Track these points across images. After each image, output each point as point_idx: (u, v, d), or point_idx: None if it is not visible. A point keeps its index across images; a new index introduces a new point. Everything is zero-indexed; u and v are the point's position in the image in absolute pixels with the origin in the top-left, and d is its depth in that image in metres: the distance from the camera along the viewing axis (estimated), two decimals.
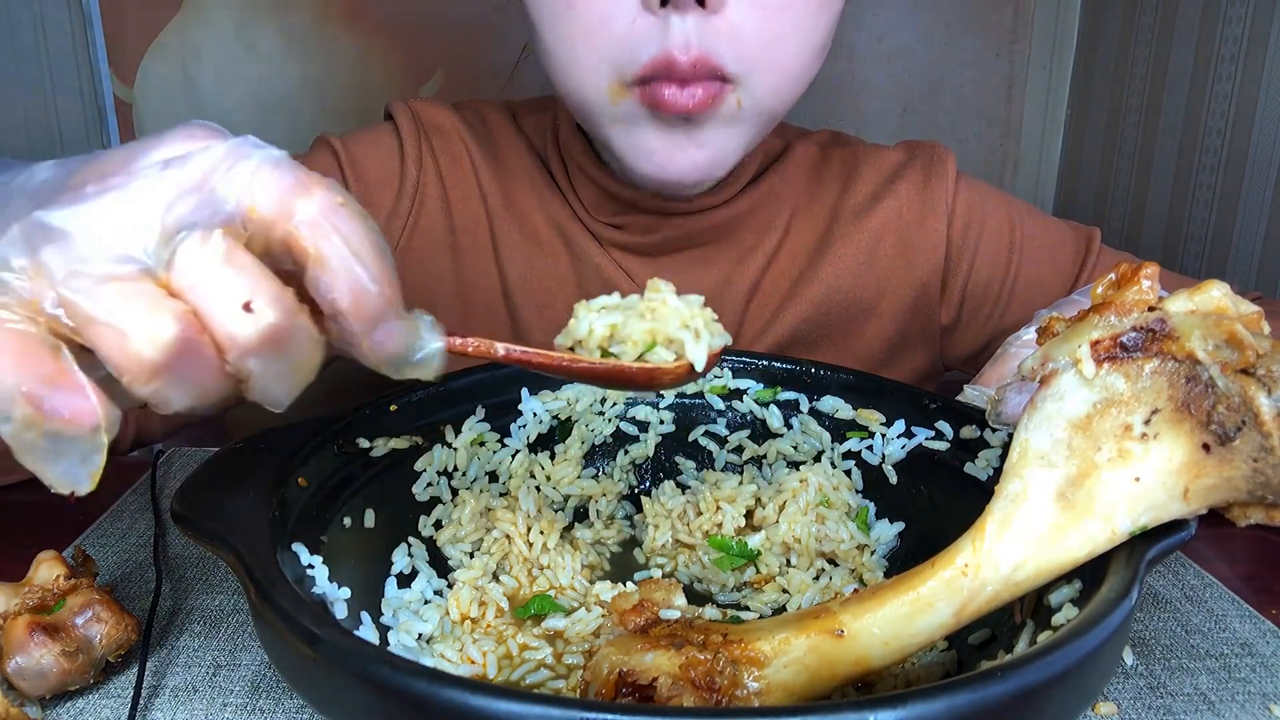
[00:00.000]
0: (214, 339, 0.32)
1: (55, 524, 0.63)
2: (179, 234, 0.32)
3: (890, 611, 0.38)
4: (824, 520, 0.54)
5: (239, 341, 0.32)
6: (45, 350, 0.31)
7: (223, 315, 0.31)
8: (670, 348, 0.42)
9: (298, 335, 0.33)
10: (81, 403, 0.31)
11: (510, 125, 0.82)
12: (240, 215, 0.33)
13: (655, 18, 0.60)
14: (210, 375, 0.32)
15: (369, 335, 0.34)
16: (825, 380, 0.59)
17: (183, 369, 0.31)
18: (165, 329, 0.31)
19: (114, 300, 0.31)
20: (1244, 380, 0.36)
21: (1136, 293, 0.38)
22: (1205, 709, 0.46)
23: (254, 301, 0.32)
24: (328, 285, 0.33)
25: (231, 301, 0.31)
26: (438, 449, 0.54)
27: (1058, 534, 0.37)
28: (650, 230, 0.76)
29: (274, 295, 0.32)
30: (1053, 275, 0.81)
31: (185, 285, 0.31)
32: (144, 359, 0.30)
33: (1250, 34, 1.08)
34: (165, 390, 0.32)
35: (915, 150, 0.83)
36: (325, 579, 0.42)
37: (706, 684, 0.36)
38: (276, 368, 0.33)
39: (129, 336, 0.30)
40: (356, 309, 0.34)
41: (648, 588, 0.45)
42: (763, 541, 0.55)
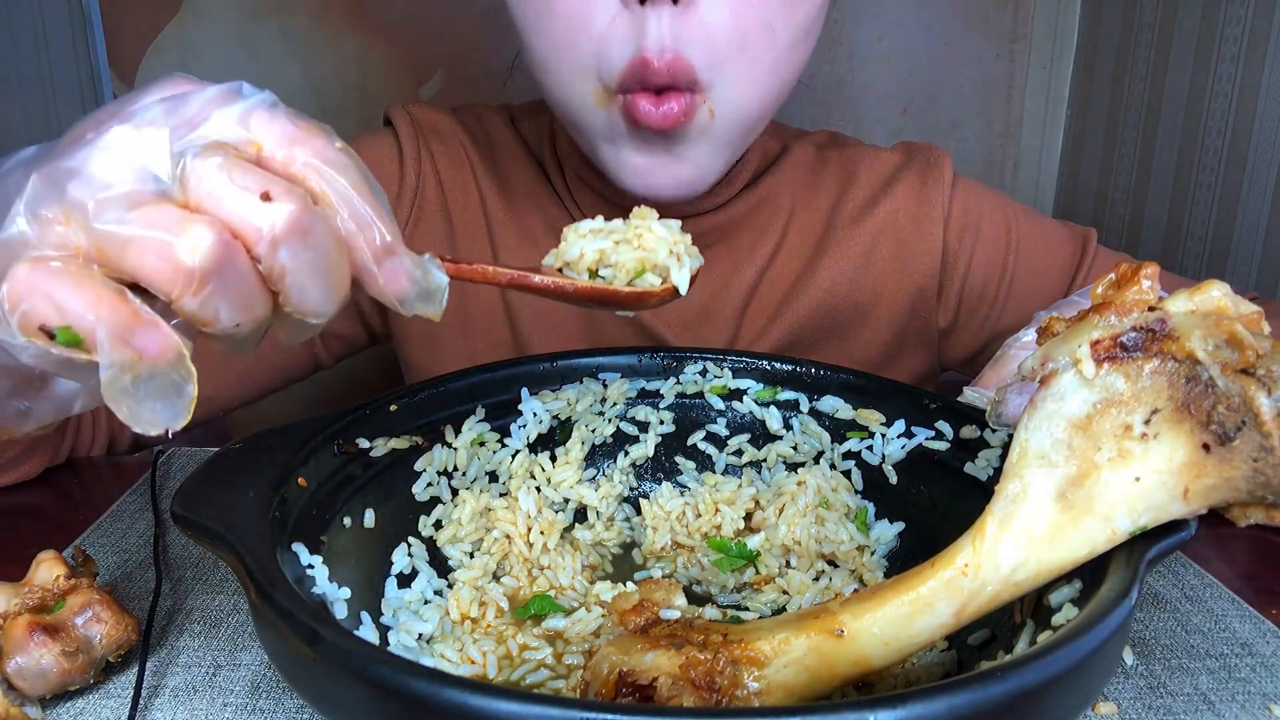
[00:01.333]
0: (243, 240, 0.32)
1: (55, 524, 0.63)
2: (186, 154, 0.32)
3: (890, 612, 0.38)
4: (823, 522, 0.54)
5: (265, 233, 0.32)
6: (113, 291, 0.31)
7: (245, 211, 0.32)
8: (655, 271, 0.46)
9: (318, 226, 0.33)
10: (163, 336, 0.31)
11: (508, 129, 0.82)
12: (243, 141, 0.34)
13: (633, 15, 0.61)
14: (250, 284, 0.33)
15: (380, 270, 0.35)
16: (825, 380, 0.59)
17: (224, 276, 0.32)
18: (203, 236, 0.31)
19: (148, 220, 0.31)
20: (1244, 380, 0.36)
21: (1136, 292, 0.38)
22: (1205, 709, 0.46)
23: (271, 190, 0.32)
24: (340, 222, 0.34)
25: (250, 196, 0.32)
26: (438, 449, 0.54)
27: (1058, 534, 0.37)
28: None
29: (287, 186, 0.33)
30: (1049, 277, 0.81)
31: (203, 195, 0.32)
32: (189, 268, 0.31)
33: (1250, 34, 1.08)
34: (213, 300, 0.32)
35: (912, 152, 0.83)
36: (325, 579, 0.42)
37: (707, 684, 0.36)
38: (307, 261, 0.33)
39: (172, 248, 0.31)
40: (367, 245, 0.35)
41: (648, 588, 0.45)
42: (762, 543, 0.55)
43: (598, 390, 0.59)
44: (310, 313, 0.35)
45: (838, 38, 1.41)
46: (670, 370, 0.60)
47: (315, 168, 0.34)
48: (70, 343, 0.30)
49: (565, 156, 0.76)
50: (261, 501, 0.42)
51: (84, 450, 0.73)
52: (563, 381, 0.59)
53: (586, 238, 0.46)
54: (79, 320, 0.30)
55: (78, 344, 0.30)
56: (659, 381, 0.60)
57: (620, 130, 0.64)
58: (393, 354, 0.86)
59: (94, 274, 0.31)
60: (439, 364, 0.80)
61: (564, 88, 0.65)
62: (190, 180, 0.32)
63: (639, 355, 0.60)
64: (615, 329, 0.79)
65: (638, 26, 0.61)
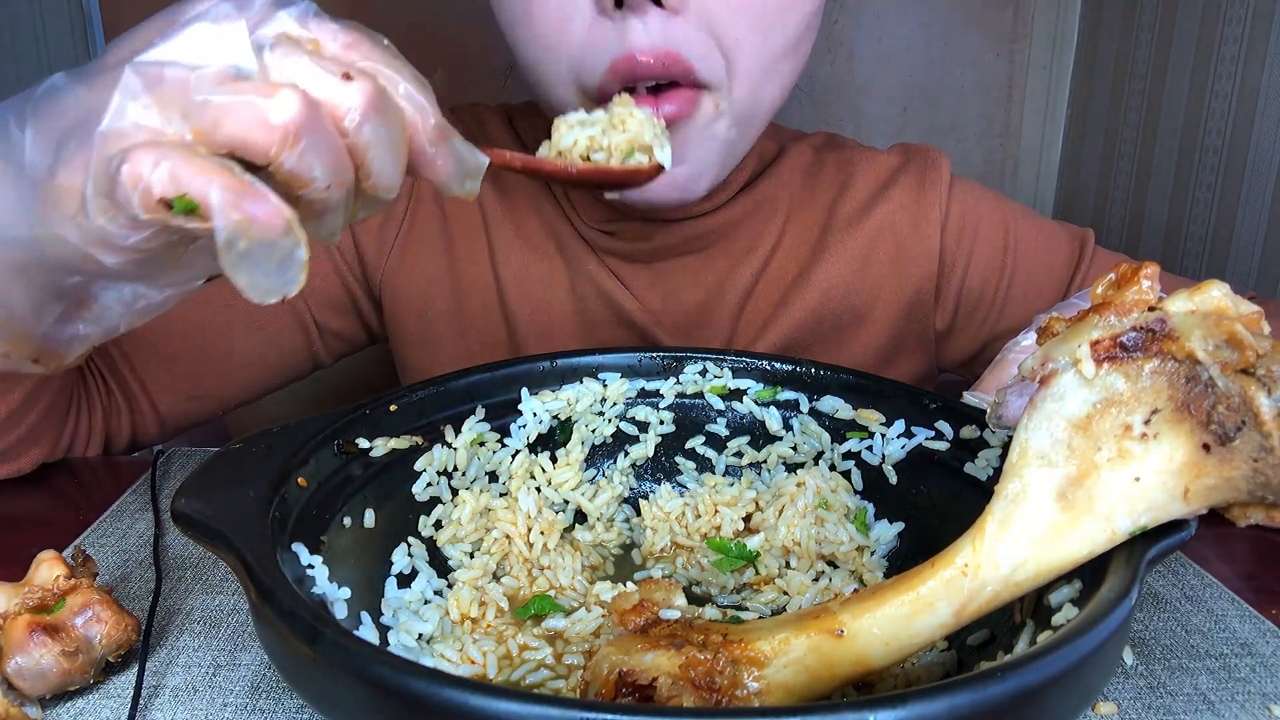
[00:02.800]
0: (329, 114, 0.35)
1: (55, 524, 0.63)
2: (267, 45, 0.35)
3: (890, 611, 0.38)
4: (823, 523, 0.54)
5: (349, 106, 0.35)
6: (222, 164, 0.33)
7: (330, 89, 0.35)
8: (641, 151, 0.51)
9: (391, 105, 0.37)
10: (272, 203, 0.33)
11: (506, 129, 0.82)
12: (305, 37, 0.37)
13: (611, 23, 0.60)
14: (338, 147, 0.35)
15: (436, 151, 0.39)
16: (825, 380, 0.59)
17: (313, 133, 0.34)
18: (290, 97, 0.33)
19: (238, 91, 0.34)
20: (1244, 380, 0.36)
21: (1136, 293, 0.38)
22: (1205, 709, 0.46)
23: (351, 72, 0.35)
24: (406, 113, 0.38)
25: (333, 75, 0.35)
26: (438, 449, 0.54)
27: (1058, 534, 0.37)
28: (643, 237, 0.76)
29: (363, 66, 0.36)
30: (1047, 278, 0.81)
31: (288, 78, 0.35)
32: (283, 125, 0.33)
33: (1250, 34, 1.08)
34: (307, 156, 0.34)
35: (909, 154, 0.82)
36: (325, 579, 0.42)
37: (706, 684, 0.36)
38: (385, 135, 0.36)
39: (264, 108, 0.33)
40: (424, 128, 0.38)
41: (648, 588, 0.45)
42: (762, 544, 0.55)
43: (598, 390, 0.59)
44: (384, 187, 0.37)
45: (838, 38, 1.41)
46: (670, 370, 0.60)
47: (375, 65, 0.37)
48: (187, 209, 0.32)
49: None
50: (261, 501, 0.42)
51: (80, 447, 0.73)
52: (562, 381, 0.59)
53: (575, 128, 0.51)
54: (196, 187, 0.32)
55: (194, 210, 0.32)
56: (659, 381, 0.60)
57: None
58: (392, 354, 0.86)
59: (203, 151, 0.33)
60: (435, 364, 0.80)
61: (548, 92, 0.66)
62: (273, 66, 0.35)
63: (639, 355, 0.60)
64: (610, 329, 0.79)
65: (616, 33, 0.60)
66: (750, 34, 0.63)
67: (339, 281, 0.79)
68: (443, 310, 0.80)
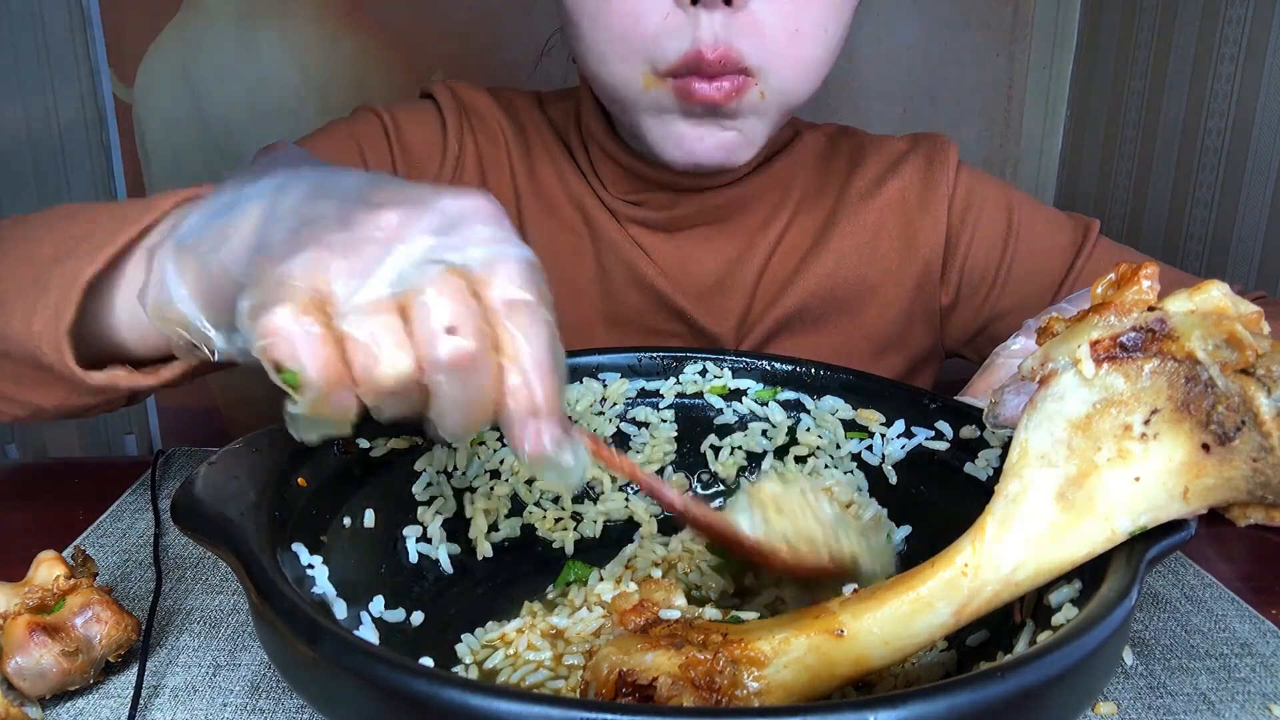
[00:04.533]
0: (419, 355, 0.37)
1: (55, 524, 0.63)
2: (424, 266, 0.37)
3: (890, 611, 0.38)
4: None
5: (434, 358, 0.36)
6: (335, 351, 0.36)
7: (429, 337, 0.36)
8: None
9: (484, 366, 0.37)
10: (350, 401, 0.37)
11: (536, 110, 0.85)
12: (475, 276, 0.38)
13: (686, 15, 0.64)
14: (411, 394, 0.37)
15: (523, 428, 0.38)
16: (825, 380, 0.59)
17: (402, 393, 0.37)
18: (401, 364, 0.36)
19: (373, 329, 0.36)
20: (1243, 380, 0.36)
21: (1136, 293, 0.38)
22: (1205, 709, 0.46)
23: (459, 326, 0.36)
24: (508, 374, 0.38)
25: (441, 322, 0.36)
26: (438, 449, 0.54)
27: (1058, 534, 0.37)
28: (666, 207, 0.79)
29: (476, 327, 0.37)
30: (1048, 263, 0.83)
31: (413, 306, 0.36)
32: (383, 384, 0.36)
33: (1250, 34, 1.08)
34: (381, 403, 0.37)
35: (919, 139, 0.86)
36: (325, 579, 0.42)
37: (706, 684, 0.36)
38: (456, 392, 0.37)
39: (379, 363, 0.36)
40: (519, 403, 0.38)
41: (648, 588, 0.45)
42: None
43: (598, 390, 0.59)
44: (446, 434, 0.39)
45: None
46: (670, 370, 0.61)
47: (513, 329, 0.38)
48: (289, 384, 0.36)
49: (590, 133, 0.79)
50: (261, 501, 0.42)
51: None
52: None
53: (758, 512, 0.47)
54: (307, 378, 0.36)
55: (295, 387, 0.36)
56: (659, 381, 0.60)
57: (669, 105, 0.67)
58: None
59: (328, 336, 0.36)
60: None
61: (613, 71, 0.68)
62: (413, 288, 0.36)
63: (639, 355, 0.60)
64: (633, 297, 0.81)
65: (690, 24, 0.64)
66: (808, 29, 0.67)
67: None
68: None
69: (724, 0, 0.63)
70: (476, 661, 0.47)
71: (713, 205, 0.79)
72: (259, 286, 0.37)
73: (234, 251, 0.40)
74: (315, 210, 0.39)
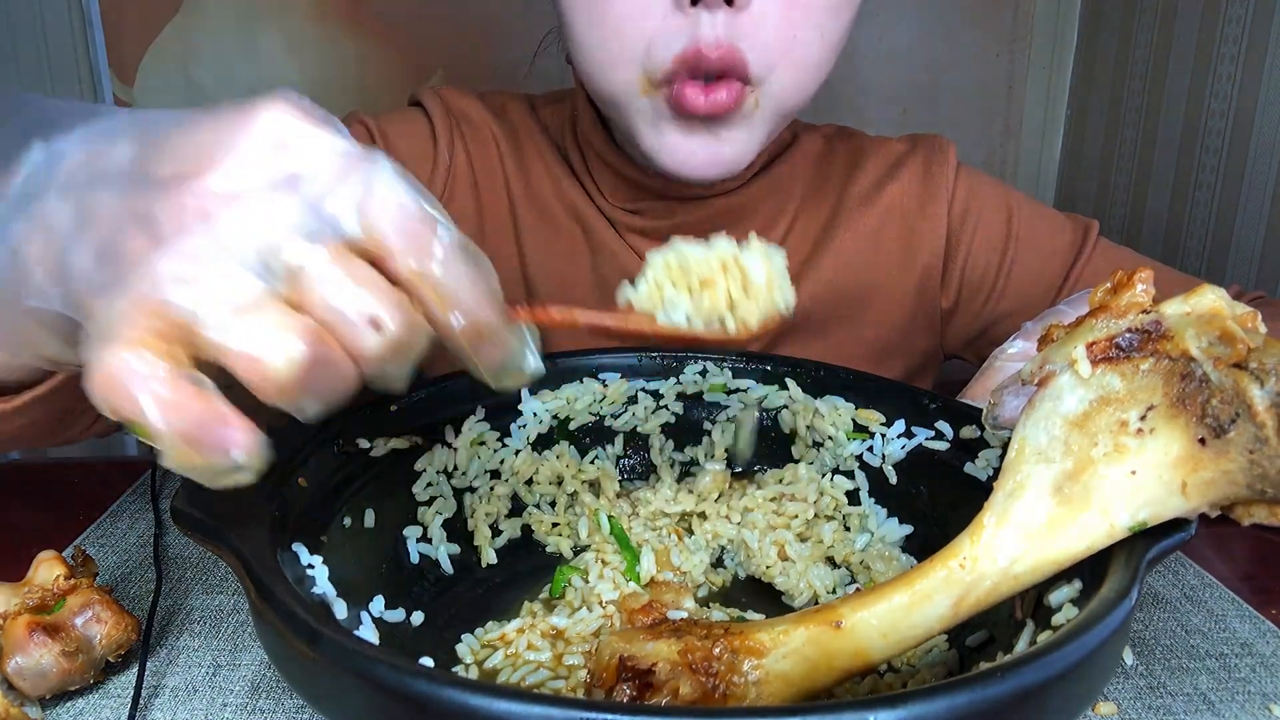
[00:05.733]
0: (347, 351, 0.33)
1: (55, 524, 0.63)
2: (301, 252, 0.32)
3: (889, 604, 0.38)
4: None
5: (370, 355, 0.33)
6: (190, 389, 0.31)
7: (353, 333, 0.32)
8: None
9: (420, 339, 0.34)
10: (230, 434, 0.31)
11: (529, 115, 0.84)
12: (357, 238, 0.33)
13: (685, 16, 0.63)
14: (342, 382, 0.34)
15: (474, 353, 0.36)
16: (825, 380, 0.59)
17: (317, 381, 0.32)
18: (295, 350, 0.31)
19: (244, 329, 0.31)
20: (1237, 374, 0.36)
21: (1131, 296, 0.39)
22: (1205, 709, 0.46)
23: (382, 319, 0.32)
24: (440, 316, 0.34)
25: (361, 320, 0.32)
26: (438, 449, 0.54)
27: (1055, 527, 0.38)
28: (664, 215, 0.78)
29: (399, 312, 0.33)
30: (1048, 264, 0.83)
31: (313, 303, 0.32)
32: (280, 379, 0.31)
33: (1250, 34, 1.08)
34: (299, 401, 0.33)
35: (918, 141, 0.85)
36: (325, 579, 0.42)
37: (704, 669, 0.36)
38: (401, 368, 0.35)
39: (263, 361, 0.31)
40: (467, 338, 0.35)
41: (658, 589, 0.46)
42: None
43: (597, 390, 0.59)
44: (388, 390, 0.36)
45: None
46: (670, 370, 0.61)
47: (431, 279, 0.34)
48: (141, 435, 0.31)
49: (586, 141, 0.78)
50: (261, 501, 0.42)
51: None
52: (562, 381, 0.59)
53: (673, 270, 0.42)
54: (153, 428, 0.31)
55: (147, 437, 0.31)
56: (659, 381, 0.60)
57: (663, 114, 0.66)
58: None
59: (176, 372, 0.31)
60: None
61: (609, 74, 0.67)
62: (304, 282, 0.32)
63: (639, 355, 0.60)
64: None
65: (690, 24, 0.62)
66: (809, 30, 0.65)
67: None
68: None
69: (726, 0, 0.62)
70: (476, 661, 0.47)
71: (711, 214, 0.78)
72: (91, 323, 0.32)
73: (40, 286, 0.35)
74: (100, 205, 0.33)
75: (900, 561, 0.53)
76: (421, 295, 0.34)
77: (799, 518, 0.56)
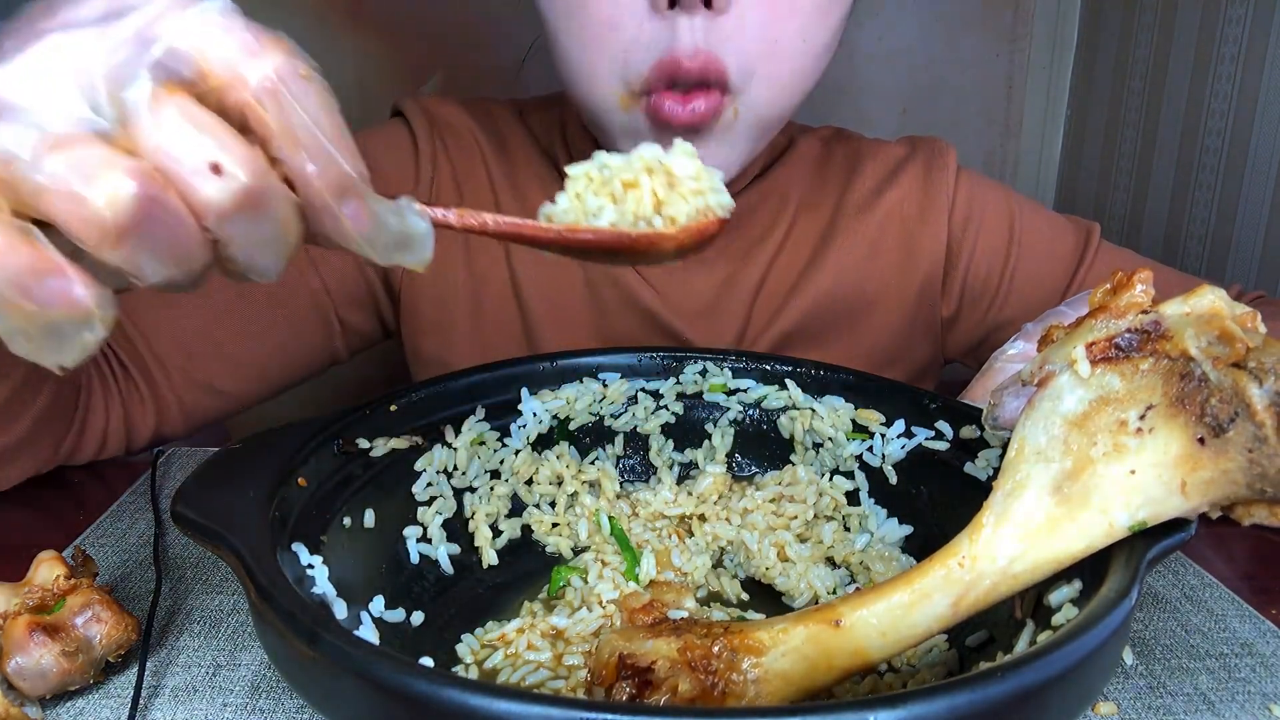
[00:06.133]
0: (186, 203, 0.30)
1: (55, 524, 0.63)
2: (130, 90, 0.29)
3: (888, 603, 0.38)
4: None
5: (213, 206, 0.30)
6: (18, 236, 0.28)
7: (191, 179, 0.29)
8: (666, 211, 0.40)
9: (273, 197, 0.31)
10: (67, 289, 0.29)
11: (517, 122, 0.82)
12: (192, 74, 0.30)
13: (663, 20, 0.61)
14: (185, 239, 0.30)
15: (341, 210, 0.33)
16: (825, 380, 0.59)
17: (151, 230, 0.29)
18: (123, 187, 0.28)
19: (62, 166, 0.28)
20: (1236, 373, 0.36)
21: (1131, 297, 0.39)
22: (1205, 709, 0.46)
23: (222, 163, 0.29)
24: (292, 159, 0.31)
25: (199, 164, 0.29)
26: (438, 449, 0.54)
27: (1054, 526, 0.38)
28: None
29: (243, 156, 0.30)
30: (1051, 269, 0.82)
31: (147, 148, 0.29)
32: (104, 222, 0.28)
33: (1250, 34, 1.08)
34: (136, 256, 0.29)
35: (917, 145, 0.84)
36: (325, 579, 0.42)
37: (703, 666, 0.36)
38: (258, 232, 0.31)
39: (85, 201, 0.28)
40: (325, 182, 0.32)
41: (659, 589, 0.46)
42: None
43: (597, 390, 0.59)
44: (257, 274, 0.32)
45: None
46: (670, 370, 0.60)
47: (272, 96, 0.31)
48: None
49: (577, 150, 0.77)
50: (261, 501, 0.42)
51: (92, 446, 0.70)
52: (562, 381, 0.59)
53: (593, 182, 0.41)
54: None
55: None
56: (659, 381, 0.60)
57: (642, 129, 0.65)
58: (396, 351, 0.86)
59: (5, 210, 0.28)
60: (451, 355, 0.80)
61: (588, 87, 0.66)
62: (135, 125, 0.29)
63: (639, 355, 0.60)
64: (624, 320, 0.79)
65: (667, 31, 0.61)
66: (793, 37, 0.64)
67: (361, 277, 0.79)
68: (460, 302, 0.80)
69: (704, 3, 0.59)
70: (476, 661, 0.47)
71: None
72: None
73: None
74: None
75: (900, 562, 0.53)
76: (267, 133, 0.31)
77: (798, 519, 0.56)
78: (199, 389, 0.74)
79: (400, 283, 0.80)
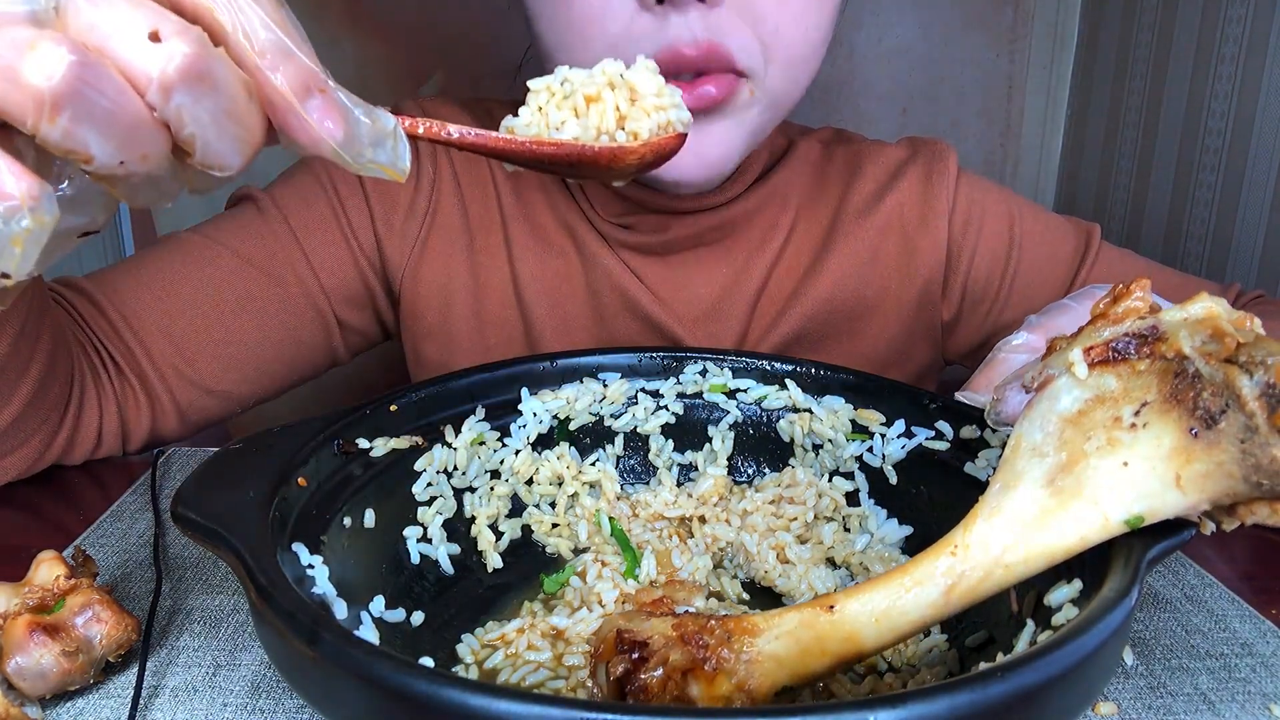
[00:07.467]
0: (132, 84, 0.29)
1: (55, 524, 0.63)
2: None
3: (881, 590, 0.39)
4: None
5: (154, 75, 0.28)
6: None
7: (128, 48, 0.28)
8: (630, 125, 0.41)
9: (219, 69, 0.29)
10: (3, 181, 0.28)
11: None
12: None
13: (653, 16, 0.60)
14: (129, 112, 0.29)
15: (304, 109, 0.31)
16: (825, 380, 0.59)
17: (85, 100, 0.28)
18: (54, 54, 0.27)
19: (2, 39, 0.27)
20: (1227, 367, 0.37)
21: (1129, 304, 0.40)
22: (1205, 709, 0.46)
23: (160, 29, 0.28)
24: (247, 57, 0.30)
25: (135, 32, 0.28)
26: (438, 449, 0.54)
27: (1047, 517, 0.38)
28: (658, 230, 0.77)
29: (181, 25, 0.29)
30: (1052, 272, 0.82)
31: (81, 28, 0.28)
32: (38, 91, 0.27)
33: (1250, 34, 1.08)
34: (78, 131, 0.28)
35: (917, 147, 0.83)
36: (325, 579, 0.42)
37: (696, 641, 0.37)
38: (207, 109, 0.29)
39: (17, 70, 0.27)
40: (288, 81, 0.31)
41: (671, 587, 0.47)
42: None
43: (597, 390, 0.59)
44: (215, 166, 0.31)
45: (838, 37, 1.40)
46: (670, 370, 0.61)
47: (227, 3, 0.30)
48: None
49: None
50: (261, 501, 0.42)
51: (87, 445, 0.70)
52: (562, 381, 0.59)
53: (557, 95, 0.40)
54: None
55: None
56: (659, 381, 0.60)
57: None
58: (396, 351, 0.86)
59: None
60: (452, 358, 0.80)
61: None
62: (68, 10, 0.28)
63: (639, 355, 0.60)
64: (625, 324, 0.79)
65: (659, 26, 0.60)
66: (790, 25, 0.64)
67: (359, 278, 0.79)
68: (461, 306, 0.80)
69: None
70: (477, 661, 0.47)
71: (706, 227, 0.77)
72: None
73: None
74: None
75: (900, 562, 0.53)
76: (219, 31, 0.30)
77: (798, 520, 0.56)
78: (194, 388, 0.74)
79: (400, 285, 0.80)
